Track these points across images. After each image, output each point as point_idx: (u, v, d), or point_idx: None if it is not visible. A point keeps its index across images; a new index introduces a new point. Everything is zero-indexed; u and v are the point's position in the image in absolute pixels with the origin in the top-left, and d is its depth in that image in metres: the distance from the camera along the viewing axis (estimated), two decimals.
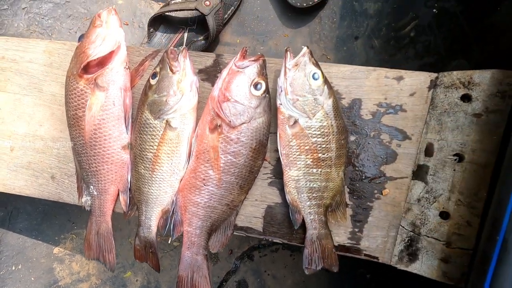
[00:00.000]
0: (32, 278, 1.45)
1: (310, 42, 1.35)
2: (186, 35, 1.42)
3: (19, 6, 1.41)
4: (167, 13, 1.34)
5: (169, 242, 0.83)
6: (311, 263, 0.78)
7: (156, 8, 1.51)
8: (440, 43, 1.11)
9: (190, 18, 1.42)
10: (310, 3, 1.27)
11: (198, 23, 1.40)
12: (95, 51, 0.80)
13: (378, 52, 1.25)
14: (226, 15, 1.41)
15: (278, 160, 0.83)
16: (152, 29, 1.35)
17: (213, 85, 0.87)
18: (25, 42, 0.96)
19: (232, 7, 1.41)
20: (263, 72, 0.77)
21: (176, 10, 1.34)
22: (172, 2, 1.36)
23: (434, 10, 1.12)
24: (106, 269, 0.88)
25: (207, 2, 1.34)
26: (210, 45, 1.34)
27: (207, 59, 0.87)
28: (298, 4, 1.27)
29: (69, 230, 1.49)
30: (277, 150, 0.82)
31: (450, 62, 1.09)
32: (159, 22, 1.38)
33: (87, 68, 0.83)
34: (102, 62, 0.83)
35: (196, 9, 1.33)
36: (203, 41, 1.37)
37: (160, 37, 1.40)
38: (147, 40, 1.42)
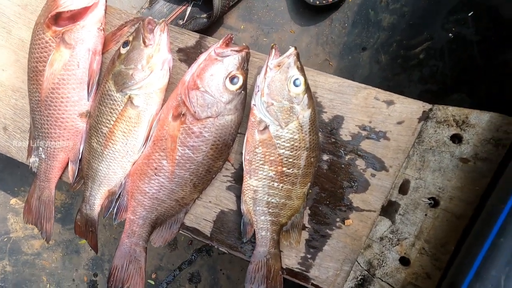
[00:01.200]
0: None
1: (316, 44, 1.26)
2: (189, 9, 1.33)
3: None
4: None
5: (114, 223, 0.77)
6: (253, 281, 0.71)
7: None
8: (447, 72, 1.02)
9: None
10: (324, 2, 1.18)
11: (204, 2, 1.31)
12: (66, 2, 0.72)
13: (382, 69, 1.16)
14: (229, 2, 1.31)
15: (241, 164, 0.76)
16: None
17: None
18: None
19: None
20: (243, 65, 0.69)
21: None
22: None
23: (450, 34, 1.03)
24: (42, 237, 0.82)
25: None
26: (212, 25, 1.25)
27: (189, 38, 0.79)
28: (312, 1, 1.18)
29: (30, 183, 1.43)
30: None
31: (451, 94, 1.01)
32: None
33: (58, 20, 0.75)
34: (75, 16, 0.75)
35: None
36: (205, 19, 1.28)
37: (162, 5, 1.31)
38: (147, 6, 1.33)
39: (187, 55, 0.78)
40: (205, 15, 1.31)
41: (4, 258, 1.43)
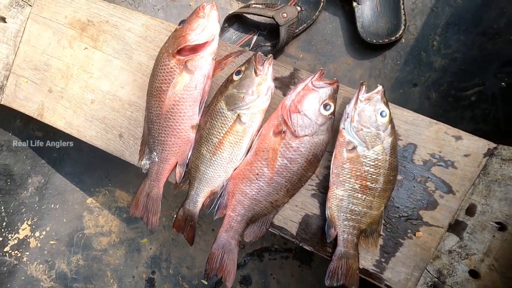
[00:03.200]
0: (64, 220, 1.58)
1: (368, 76, 1.40)
2: (255, 37, 1.51)
3: None
4: (244, 14, 1.44)
5: (214, 218, 0.91)
6: (333, 277, 0.84)
7: (234, 6, 1.62)
8: (500, 117, 1.13)
9: (263, 24, 1.52)
10: (380, 41, 1.32)
11: (269, 30, 1.49)
12: (194, 38, 0.90)
13: (433, 105, 1.28)
14: (298, 30, 1.49)
15: (325, 176, 0.90)
16: (226, 25, 1.45)
17: (284, 94, 0.96)
18: (129, 13, 1.08)
19: (305, 24, 1.50)
20: (334, 96, 0.85)
21: (254, 14, 1.44)
22: (253, 5, 1.46)
23: (503, 83, 1.14)
24: (148, 229, 0.97)
25: (284, 14, 1.43)
26: (275, 53, 1.43)
27: (285, 70, 0.96)
28: (369, 39, 1.32)
29: (104, 185, 1.61)
30: (327, 167, 0.90)
31: (507, 138, 1.11)
32: (234, 19, 1.48)
33: (181, 50, 0.93)
34: (195, 48, 0.93)
35: (272, 18, 1.42)
36: (269, 48, 1.46)
37: (231, 33, 1.50)
38: (219, 33, 1.53)
39: (282, 83, 0.95)
40: (269, 44, 1.50)
41: (79, 252, 1.59)
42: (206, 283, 1.54)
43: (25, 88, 1.13)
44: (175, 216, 0.97)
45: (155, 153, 0.97)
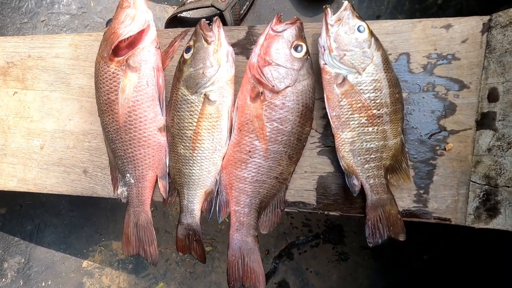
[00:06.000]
0: None
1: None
2: None
3: (38, 19, 1.42)
4: (183, 14, 1.34)
5: (219, 221, 0.77)
6: (374, 234, 0.70)
7: (170, 12, 1.51)
8: (474, 3, 1.06)
9: (205, 17, 1.41)
10: None
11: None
12: (125, 30, 0.77)
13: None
14: (242, 10, 1.39)
15: (325, 126, 0.77)
16: None
17: (247, 58, 0.84)
18: (50, 38, 0.95)
19: (248, 2, 1.40)
20: (301, 34, 0.73)
21: (192, 9, 1.33)
22: (188, 2, 1.36)
23: None
24: (148, 263, 0.81)
25: None
26: None
27: (239, 32, 0.84)
28: None
29: (97, 242, 1.44)
30: (323, 117, 0.78)
31: (494, 9, 1.04)
32: (175, 24, 1.37)
33: (117, 51, 0.80)
34: (132, 42, 0.80)
35: (212, 6, 1.32)
36: None
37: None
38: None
39: (241, 47, 0.83)
40: None
41: None
42: None
43: None
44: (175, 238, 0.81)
45: (128, 175, 0.82)
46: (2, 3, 1.33)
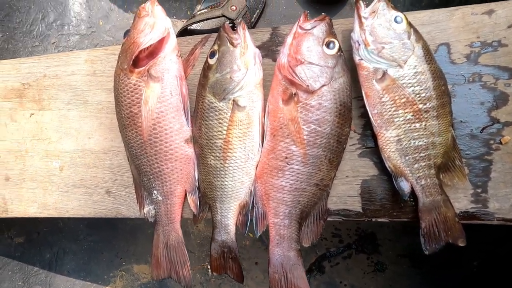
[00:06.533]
0: None
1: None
2: None
3: (49, 42, 1.41)
4: (193, 27, 1.31)
5: (256, 236, 0.71)
6: (430, 240, 0.64)
7: (180, 26, 1.49)
8: None
9: (215, 28, 1.40)
10: None
11: None
12: (146, 39, 0.74)
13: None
14: (253, 19, 1.37)
15: (364, 126, 0.72)
16: None
17: (273, 61, 0.80)
18: (65, 56, 0.92)
19: (258, 10, 1.38)
20: (332, 30, 0.69)
21: (203, 20, 1.31)
22: (198, 13, 1.34)
23: None
24: (182, 286, 0.75)
25: (233, 7, 1.31)
26: None
27: (263, 34, 0.80)
28: None
29: (117, 266, 1.37)
30: (361, 116, 0.73)
31: None
32: (185, 36, 1.35)
33: (137, 62, 0.76)
34: (153, 52, 0.77)
35: (223, 16, 1.30)
36: None
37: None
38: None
39: (266, 49, 0.79)
40: None
41: None
42: None
43: None
44: (209, 257, 0.75)
45: (155, 192, 0.77)
46: (14, 28, 1.32)
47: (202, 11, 1.34)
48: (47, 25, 1.39)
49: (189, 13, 1.56)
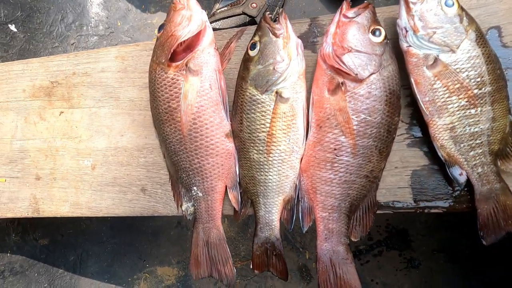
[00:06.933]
0: None
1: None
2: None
3: (68, 42, 1.40)
4: (213, 25, 1.30)
5: (303, 231, 0.69)
6: (488, 231, 0.62)
7: None
8: None
9: (238, 25, 1.38)
10: None
11: None
12: (184, 32, 0.72)
13: None
14: (273, 16, 1.36)
15: (411, 116, 0.70)
16: None
17: (313, 52, 0.78)
18: (94, 53, 0.90)
19: (277, 7, 1.37)
20: (376, 18, 0.68)
21: (224, 18, 1.30)
22: (218, 11, 1.33)
23: None
24: (224, 285, 0.73)
25: (254, 4, 1.30)
26: None
27: (300, 25, 0.78)
28: None
29: (141, 268, 1.35)
30: (408, 105, 0.71)
31: None
32: None
33: (174, 56, 0.75)
34: (190, 45, 0.75)
35: (243, 13, 1.28)
36: None
37: None
38: None
39: (305, 41, 0.77)
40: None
41: None
42: None
43: (5, 189, 0.90)
44: (251, 254, 0.73)
45: (195, 188, 0.75)
46: (35, 29, 1.31)
47: (222, 9, 1.33)
48: (66, 26, 1.37)
49: (206, 12, 1.54)
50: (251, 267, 0.74)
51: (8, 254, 1.19)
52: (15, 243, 1.24)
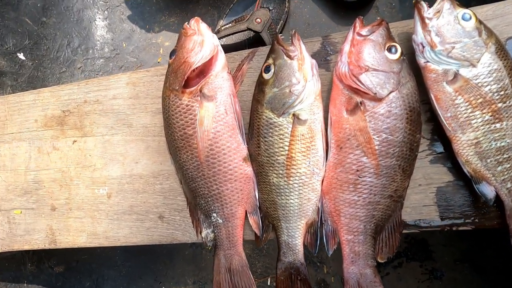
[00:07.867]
0: None
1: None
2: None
3: (75, 67, 1.40)
4: (219, 42, 1.31)
5: (329, 254, 0.67)
6: None
7: None
8: None
9: (241, 42, 1.38)
10: None
11: (250, 44, 1.36)
12: (197, 57, 0.72)
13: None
14: (277, 30, 1.36)
15: (432, 132, 0.69)
16: None
17: (326, 70, 0.77)
18: (105, 80, 0.90)
19: (281, 21, 1.37)
20: (391, 35, 0.67)
21: (229, 35, 1.30)
22: (222, 28, 1.33)
23: None
24: None
25: (258, 20, 1.30)
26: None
27: (313, 44, 0.78)
28: None
29: None
30: (428, 121, 0.69)
31: None
32: None
33: (187, 82, 0.74)
34: (203, 70, 0.75)
35: (248, 29, 1.28)
36: None
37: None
38: None
39: (318, 59, 0.76)
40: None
41: None
42: None
43: (21, 221, 0.90)
44: (274, 278, 0.71)
45: (214, 214, 0.74)
46: (42, 56, 1.32)
47: (226, 26, 1.33)
48: (72, 50, 1.38)
49: (214, 28, 1.55)
50: None
51: (25, 284, 1.18)
52: (31, 272, 1.23)
